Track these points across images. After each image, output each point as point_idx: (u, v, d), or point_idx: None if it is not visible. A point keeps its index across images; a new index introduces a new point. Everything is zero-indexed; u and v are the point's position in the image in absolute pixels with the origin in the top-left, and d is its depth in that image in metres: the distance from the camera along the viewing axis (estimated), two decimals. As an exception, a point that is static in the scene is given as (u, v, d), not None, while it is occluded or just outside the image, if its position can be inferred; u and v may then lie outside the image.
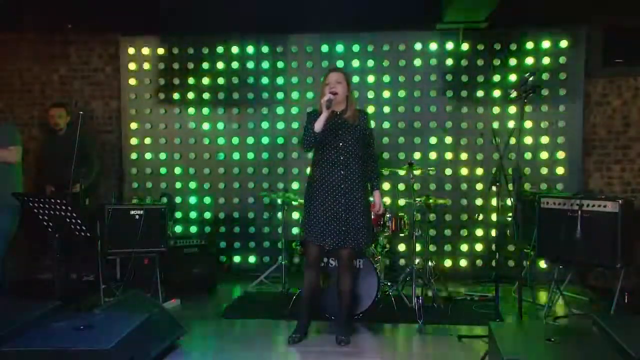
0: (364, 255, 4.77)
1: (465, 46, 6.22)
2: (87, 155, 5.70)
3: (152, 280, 5.40)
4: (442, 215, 6.30)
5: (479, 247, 6.30)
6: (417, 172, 5.26)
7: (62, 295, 4.94)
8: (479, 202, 6.25)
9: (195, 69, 6.52)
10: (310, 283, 4.41)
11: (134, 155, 6.60)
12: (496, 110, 6.20)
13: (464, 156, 6.29)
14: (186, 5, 6.16)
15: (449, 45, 6.26)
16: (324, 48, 6.39)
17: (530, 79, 4.14)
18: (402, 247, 6.30)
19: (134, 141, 6.59)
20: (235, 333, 4.83)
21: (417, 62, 6.30)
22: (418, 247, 5.35)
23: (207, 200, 6.55)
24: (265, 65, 6.47)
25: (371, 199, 4.46)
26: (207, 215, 6.56)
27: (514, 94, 4.28)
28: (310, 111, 4.37)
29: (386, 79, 6.34)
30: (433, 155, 6.29)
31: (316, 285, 4.49)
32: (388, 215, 5.18)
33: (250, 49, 6.47)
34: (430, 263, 5.29)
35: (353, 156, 4.25)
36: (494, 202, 4.58)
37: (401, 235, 5.35)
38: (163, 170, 6.58)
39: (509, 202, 5.61)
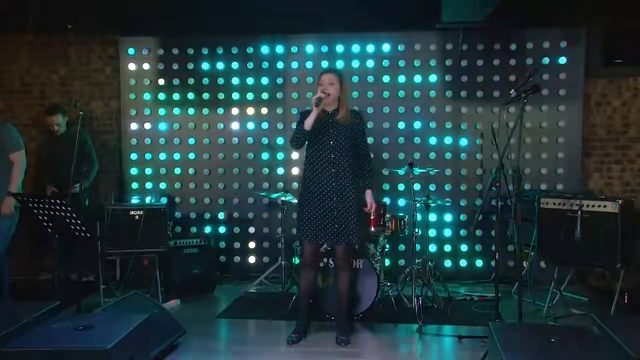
0: (364, 255, 4.77)
1: (465, 46, 6.21)
2: (87, 156, 5.69)
3: (152, 280, 5.40)
4: (442, 215, 6.30)
5: (478, 247, 6.30)
6: (417, 172, 5.26)
7: (62, 296, 4.95)
8: (478, 202, 6.25)
9: (195, 69, 6.52)
10: (307, 282, 4.42)
11: (134, 156, 6.60)
12: (496, 110, 6.20)
13: (463, 156, 6.29)
14: (186, 5, 6.16)
15: (449, 45, 6.26)
16: (324, 48, 6.39)
17: (530, 79, 4.14)
18: (402, 247, 6.30)
19: (134, 141, 6.58)
20: (235, 333, 4.84)
21: (417, 62, 6.30)
22: (418, 247, 5.35)
23: (207, 200, 6.55)
24: (265, 65, 6.47)
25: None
26: (207, 215, 6.56)
27: (514, 94, 4.28)
28: (303, 111, 4.37)
29: (386, 79, 6.33)
30: (433, 155, 6.29)
31: (313, 284, 4.50)
32: (388, 216, 5.18)
33: (249, 50, 6.47)
34: (430, 263, 5.29)
35: (344, 154, 4.27)
36: (493, 202, 4.57)
37: (401, 235, 5.35)
38: (163, 170, 6.58)
39: (508, 202, 5.61)
